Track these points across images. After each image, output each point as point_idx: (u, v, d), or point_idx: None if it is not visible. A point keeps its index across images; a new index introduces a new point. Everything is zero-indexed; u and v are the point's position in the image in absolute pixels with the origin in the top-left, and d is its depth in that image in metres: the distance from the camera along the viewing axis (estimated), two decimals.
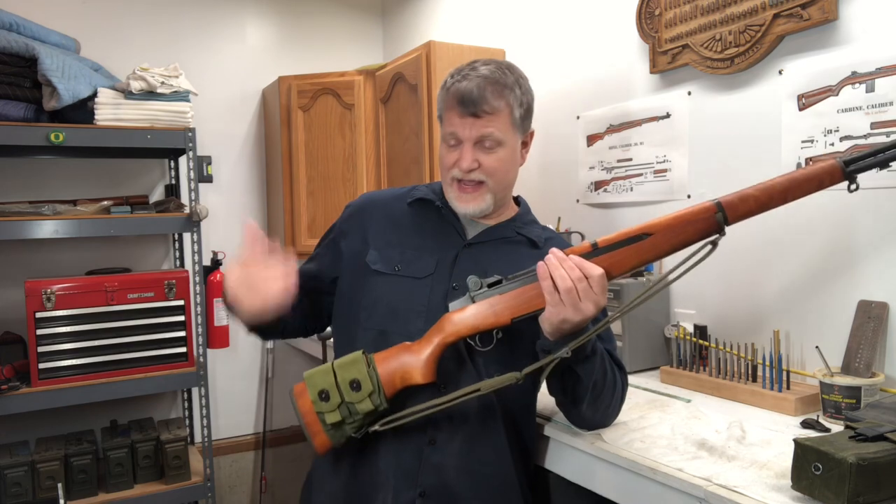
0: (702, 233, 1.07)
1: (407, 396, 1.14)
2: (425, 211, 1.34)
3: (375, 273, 1.27)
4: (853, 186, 1.05)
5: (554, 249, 1.09)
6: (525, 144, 1.32)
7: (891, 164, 1.05)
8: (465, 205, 1.26)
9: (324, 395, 1.09)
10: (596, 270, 1.06)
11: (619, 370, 1.25)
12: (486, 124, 1.21)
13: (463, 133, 1.22)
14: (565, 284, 1.05)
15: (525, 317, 1.11)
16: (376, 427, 1.12)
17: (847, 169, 1.04)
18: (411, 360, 1.12)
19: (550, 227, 1.53)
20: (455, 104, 1.22)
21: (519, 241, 1.31)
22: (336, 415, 1.09)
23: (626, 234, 1.09)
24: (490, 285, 1.12)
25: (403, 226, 1.33)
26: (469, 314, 1.12)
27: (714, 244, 1.07)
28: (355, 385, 1.09)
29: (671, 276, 1.10)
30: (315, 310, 1.38)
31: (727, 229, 1.07)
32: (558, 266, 1.06)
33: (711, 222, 1.06)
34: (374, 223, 1.34)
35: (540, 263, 1.08)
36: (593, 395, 1.17)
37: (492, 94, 1.21)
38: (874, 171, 1.07)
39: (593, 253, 1.10)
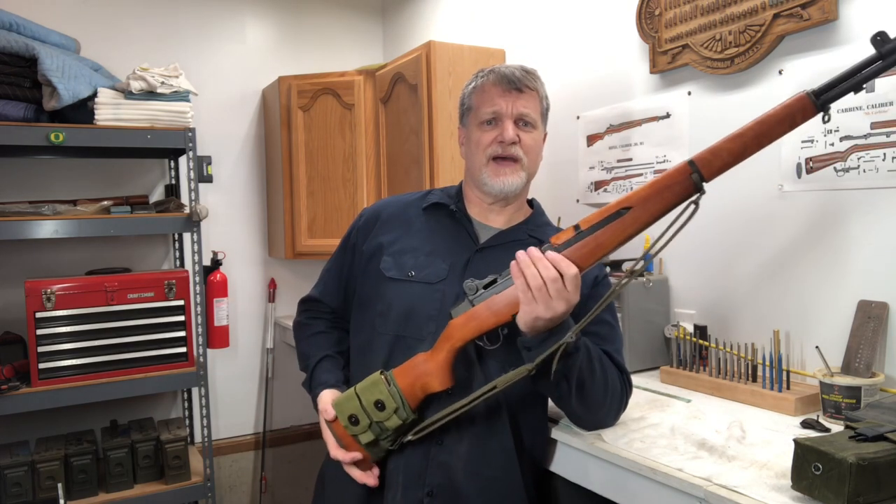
0: (680, 196, 1.05)
1: (427, 404, 1.19)
2: (439, 216, 1.38)
3: (389, 280, 1.30)
4: (826, 118, 1.00)
5: (531, 249, 1.10)
6: (544, 139, 1.39)
7: (863, 86, 0.99)
8: (502, 178, 1.30)
9: (353, 420, 1.16)
10: (571, 269, 1.06)
11: (620, 372, 1.25)
12: (526, 102, 1.30)
13: (506, 109, 1.30)
14: (536, 282, 1.06)
15: None
16: (410, 437, 1.17)
17: (818, 101, 0.99)
18: (427, 370, 1.15)
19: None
20: (497, 83, 1.31)
21: (531, 244, 1.32)
22: (368, 435, 1.16)
23: (606, 211, 1.08)
24: (486, 286, 1.15)
25: (417, 231, 1.35)
26: (471, 317, 1.14)
27: (696, 204, 1.05)
28: (380, 405, 1.15)
29: (658, 246, 1.06)
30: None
31: (706, 186, 1.05)
32: (530, 264, 1.08)
33: (688, 184, 1.04)
34: (388, 229, 1.37)
35: (512, 263, 1.10)
36: (581, 394, 1.17)
37: (529, 77, 1.33)
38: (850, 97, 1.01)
39: (577, 237, 1.09)
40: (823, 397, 1.32)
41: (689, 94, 1.78)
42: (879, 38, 0.96)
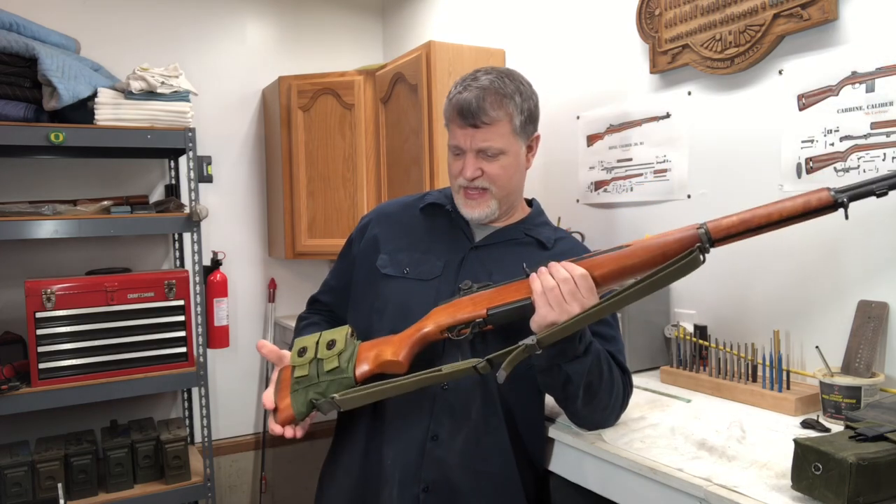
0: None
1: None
2: (436, 216, 1.39)
3: (385, 277, 1.32)
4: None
5: (551, 263, 1.11)
6: (530, 149, 1.36)
7: (889, 192, 1.02)
8: (470, 210, 1.31)
9: (302, 351, 1.18)
10: (578, 270, 1.07)
11: (622, 373, 1.25)
12: (485, 136, 1.26)
13: (464, 144, 1.27)
14: (548, 283, 1.07)
15: (501, 309, 1.13)
16: (336, 396, 1.12)
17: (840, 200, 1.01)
18: (389, 340, 1.18)
19: (563, 228, 1.54)
20: (456, 115, 1.27)
21: (527, 243, 1.33)
22: (305, 369, 1.16)
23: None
24: (479, 288, 1.17)
25: (414, 231, 1.37)
26: (450, 306, 1.16)
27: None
28: (331, 344, 1.17)
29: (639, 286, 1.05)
30: None
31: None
32: (544, 271, 1.09)
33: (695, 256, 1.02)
34: (385, 230, 1.39)
35: (532, 275, 1.10)
36: (588, 395, 1.17)
37: (490, 104, 1.24)
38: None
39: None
40: (823, 397, 1.32)
41: (689, 94, 1.78)
42: None
